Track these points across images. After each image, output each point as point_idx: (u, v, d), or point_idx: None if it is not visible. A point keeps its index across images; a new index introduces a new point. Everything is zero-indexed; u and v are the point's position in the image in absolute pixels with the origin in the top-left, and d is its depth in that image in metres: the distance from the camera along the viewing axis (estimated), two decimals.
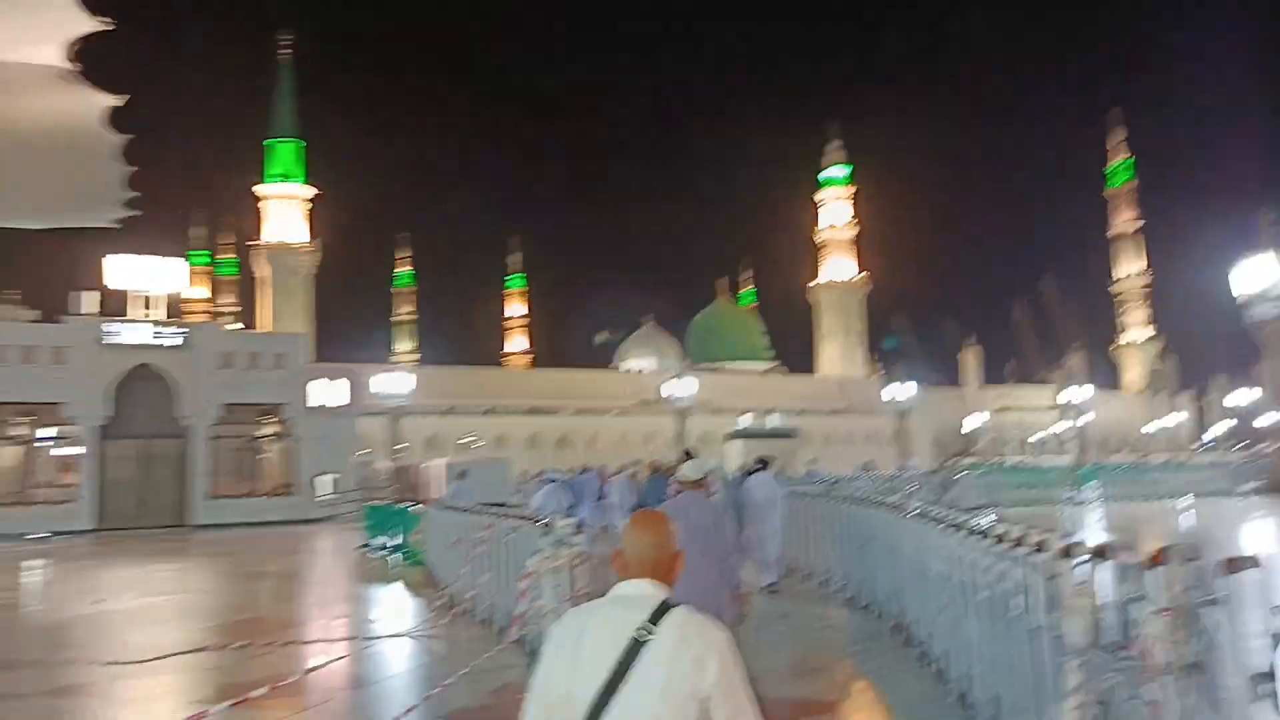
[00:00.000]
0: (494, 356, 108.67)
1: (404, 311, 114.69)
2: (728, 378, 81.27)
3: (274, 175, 73.90)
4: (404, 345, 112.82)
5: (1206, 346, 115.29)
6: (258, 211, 74.48)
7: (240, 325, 79.49)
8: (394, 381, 47.13)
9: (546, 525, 6.79)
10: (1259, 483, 30.42)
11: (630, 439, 69.10)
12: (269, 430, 28.82)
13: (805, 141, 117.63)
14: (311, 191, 74.55)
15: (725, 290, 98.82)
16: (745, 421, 65.98)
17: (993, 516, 6.46)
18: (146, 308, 26.93)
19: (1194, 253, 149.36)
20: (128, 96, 16.81)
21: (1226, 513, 24.06)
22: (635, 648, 1.98)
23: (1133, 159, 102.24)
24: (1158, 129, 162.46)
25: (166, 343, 26.29)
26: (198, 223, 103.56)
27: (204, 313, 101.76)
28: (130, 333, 26.08)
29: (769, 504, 11.00)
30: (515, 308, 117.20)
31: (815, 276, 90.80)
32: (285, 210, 73.93)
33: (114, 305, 27.39)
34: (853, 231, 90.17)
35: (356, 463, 29.59)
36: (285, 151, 74.13)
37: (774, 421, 67.40)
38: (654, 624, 2.02)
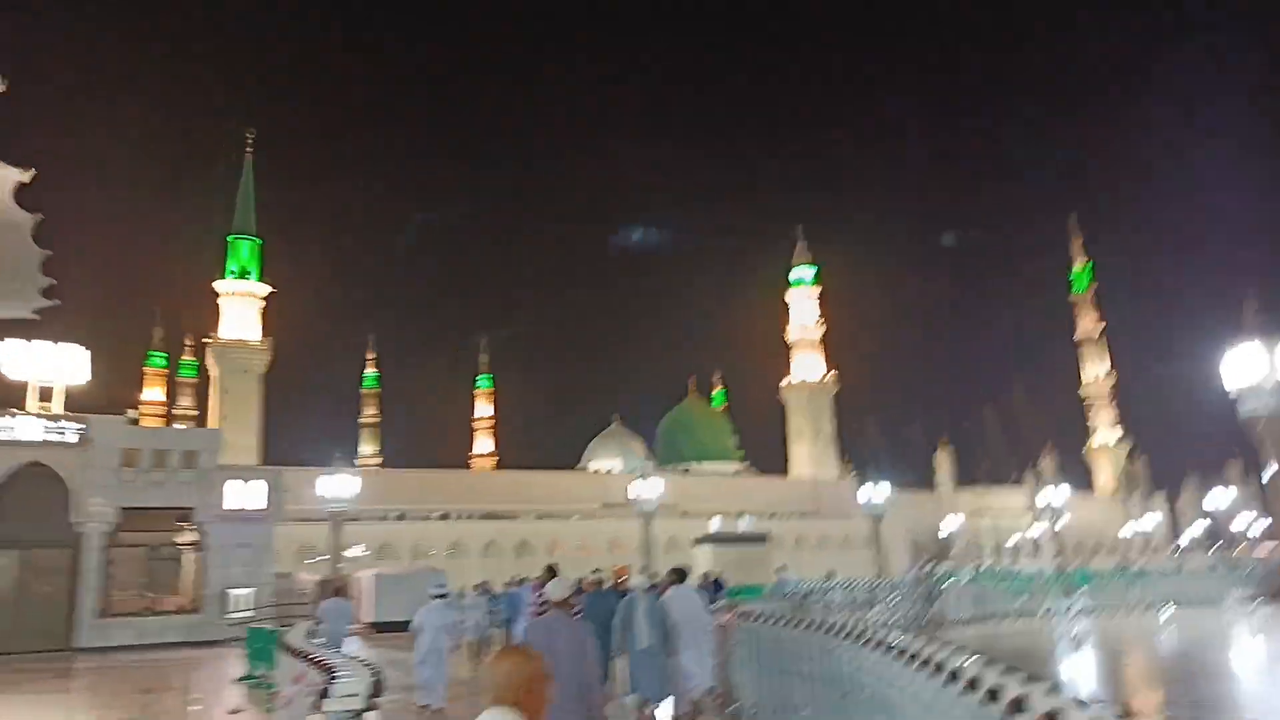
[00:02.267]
0: (462, 459, 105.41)
1: (369, 414, 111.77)
2: (696, 479, 78.77)
3: (232, 272, 72.27)
4: (369, 448, 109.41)
5: (1177, 447, 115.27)
6: (217, 310, 72.43)
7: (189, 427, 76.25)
8: (338, 484, 44.11)
9: (329, 683, 4.54)
10: (1258, 591, 28.32)
11: (594, 544, 65.90)
12: (175, 538, 25.85)
13: (776, 240, 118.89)
14: (266, 289, 72.83)
15: (695, 389, 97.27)
16: (714, 525, 63.27)
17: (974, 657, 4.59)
18: (45, 400, 24.31)
19: (1160, 353, 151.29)
20: (33, 171, 15.16)
21: (1227, 627, 21.87)
22: None
23: (1091, 263, 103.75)
24: (1118, 231, 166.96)
25: (61, 438, 23.57)
26: (158, 322, 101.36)
27: (160, 416, 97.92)
28: (23, 427, 23.36)
29: (691, 624, 9.07)
30: (482, 408, 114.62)
31: (786, 376, 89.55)
32: (241, 308, 72.00)
33: (14, 397, 24.78)
34: (820, 331, 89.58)
35: (277, 575, 26.52)
36: (243, 248, 72.81)
37: (744, 525, 64.78)
38: None
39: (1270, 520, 79.67)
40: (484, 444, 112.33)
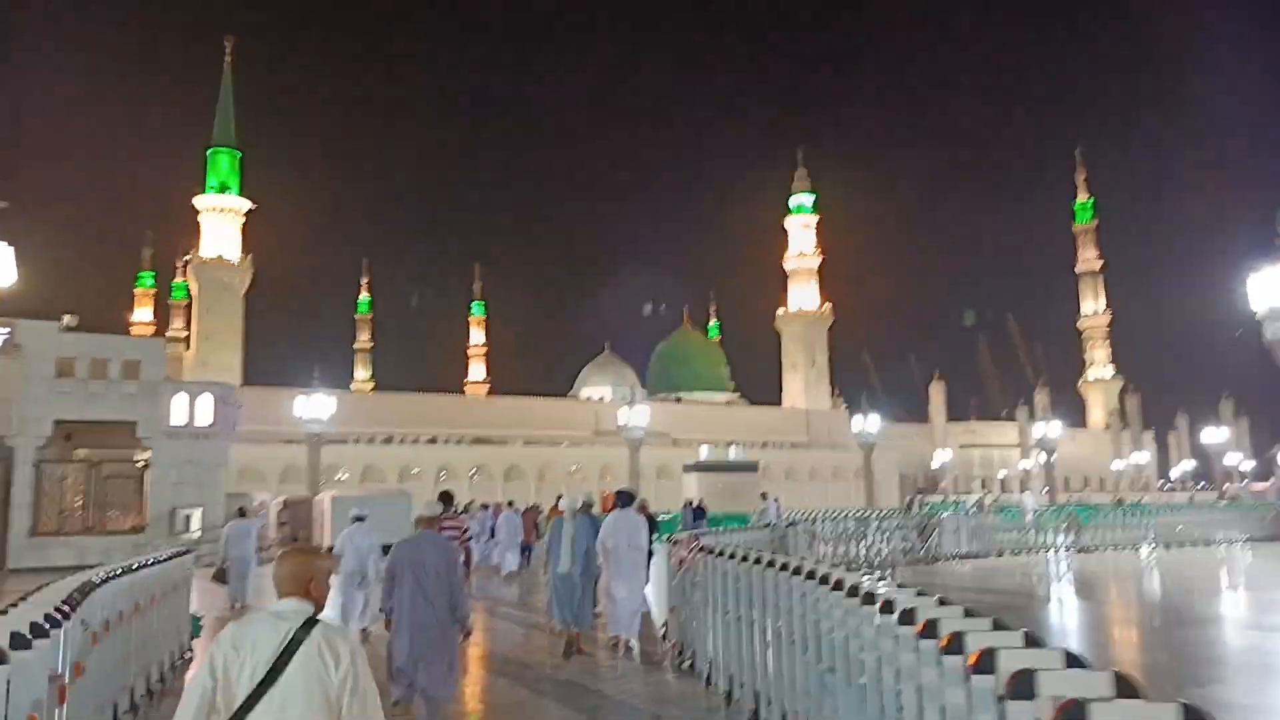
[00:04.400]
0: (456, 385, 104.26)
1: (363, 339, 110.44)
2: (688, 408, 77.74)
3: (211, 186, 69.66)
4: (363, 373, 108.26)
5: (1169, 384, 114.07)
6: (198, 226, 70.02)
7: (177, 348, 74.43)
8: (315, 405, 42.58)
9: None
10: (1254, 531, 27.16)
11: (584, 470, 65.11)
12: (134, 455, 24.28)
13: (775, 167, 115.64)
14: (246, 204, 70.15)
15: (690, 319, 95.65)
16: (704, 453, 62.30)
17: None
18: None
19: (1158, 290, 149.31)
20: None
21: (1225, 568, 20.58)
22: (291, 648, 2.60)
23: (1092, 199, 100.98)
24: (1123, 163, 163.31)
25: None
26: (148, 241, 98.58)
27: (152, 338, 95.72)
28: None
29: (627, 550, 8.71)
30: (476, 335, 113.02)
31: (782, 306, 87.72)
32: (221, 224, 69.52)
33: None
34: (817, 261, 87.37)
35: (230, 494, 25.02)
36: (222, 161, 69.96)
37: (734, 454, 63.81)
38: (305, 631, 2.65)
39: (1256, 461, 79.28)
40: (478, 371, 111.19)
